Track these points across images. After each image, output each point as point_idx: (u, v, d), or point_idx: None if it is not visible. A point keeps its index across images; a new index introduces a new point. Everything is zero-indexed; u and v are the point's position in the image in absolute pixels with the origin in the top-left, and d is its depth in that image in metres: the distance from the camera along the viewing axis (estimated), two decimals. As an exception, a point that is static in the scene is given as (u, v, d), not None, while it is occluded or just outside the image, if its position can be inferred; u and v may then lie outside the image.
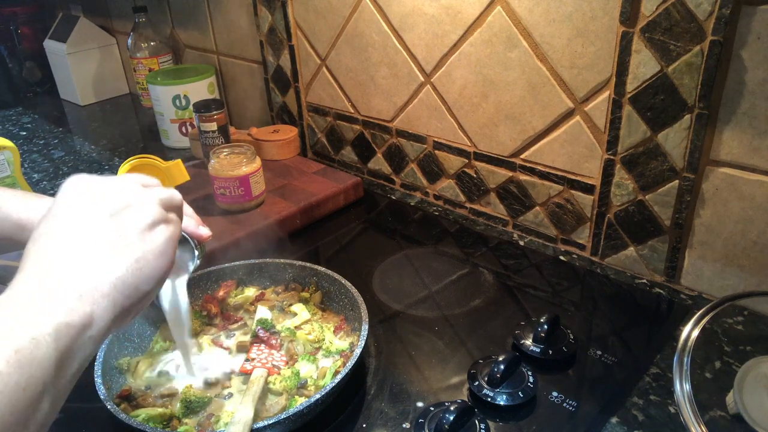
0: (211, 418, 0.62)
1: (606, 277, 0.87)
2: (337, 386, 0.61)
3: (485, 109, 0.94)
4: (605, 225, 0.87)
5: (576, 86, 0.82)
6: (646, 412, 0.64)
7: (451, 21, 0.92)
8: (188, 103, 1.37)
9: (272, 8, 1.21)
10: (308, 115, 1.28)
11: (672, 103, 0.73)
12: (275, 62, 1.28)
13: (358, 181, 1.12)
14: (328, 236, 1.03)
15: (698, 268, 0.80)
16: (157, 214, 0.50)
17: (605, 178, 0.83)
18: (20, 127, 1.67)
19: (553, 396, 0.66)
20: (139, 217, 0.48)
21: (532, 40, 0.84)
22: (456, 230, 1.02)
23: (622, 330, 0.77)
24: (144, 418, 0.60)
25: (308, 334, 0.73)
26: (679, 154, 0.75)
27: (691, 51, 0.69)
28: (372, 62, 1.08)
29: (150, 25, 1.58)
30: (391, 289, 0.86)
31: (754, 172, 0.71)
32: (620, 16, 0.74)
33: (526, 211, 0.96)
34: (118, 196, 0.49)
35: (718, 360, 0.69)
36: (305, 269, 0.81)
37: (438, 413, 0.60)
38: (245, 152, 1.02)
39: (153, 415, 0.61)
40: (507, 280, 0.88)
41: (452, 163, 1.03)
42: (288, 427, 0.60)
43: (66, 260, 0.43)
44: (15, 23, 1.92)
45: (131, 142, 1.49)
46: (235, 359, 0.71)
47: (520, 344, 0.71)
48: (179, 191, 0.62)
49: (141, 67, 1.60)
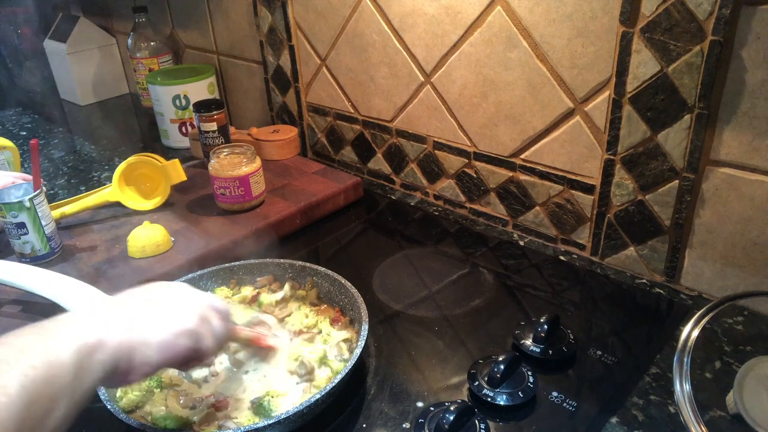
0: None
1: (606, 277, 0.87)
2: (337, 386, 0.61)
3: (485, 109, 0.94)
4: (605, 225, 0.87)
5: (576, 86, 0.82)
6: (646, 412, 0.64)
7: (451, 21, 0.92)
8: (188, 103, 1.37)
9: (272, 8, 1.21)
10: (308, 115, 1.28)
11: (672, 103, 0.73)
12: (275, 62, 1.28)
13: (358, 181, 1.12)
14: (328, 236, 1.03)
15: (698, 268, 0.80)
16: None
17: (605, 178, 0.83)
18: (20, 127, 1.67)
19: (553, 396, 0.66)
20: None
21: (532, 40, 0.84)
22: (456, 230, 1.02)
23: (622, 330, 0.77)
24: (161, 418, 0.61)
25: (306, 317, 0.75)
26: (679, 154, 0.75)
27: (691, 51, 0.69)
28: (372, 62, 1.08)
29: (150, 25, 1.58)
30: (391, 289, 0.86)
31: (754, 172, 0.71)
32: (620, 16, 0.74)
33: (526, 211, 0.96)
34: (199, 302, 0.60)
35: (718, 360, 0.69)
36: (305, 269, 0.81)
37: (438, 413, 0.60)
38: (245, 152, 1.02)
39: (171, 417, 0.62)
40: (507, 280, 0.88)
41: (452, 163, 1.03)
42: (288, 427, 0.60)
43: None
44: (15, 23, 1.92)
45: (131, 142, 1.49)
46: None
47: (520, 344, 0.71)
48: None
49: (141, 67, 1.60)
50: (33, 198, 0.88)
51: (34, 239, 0.89)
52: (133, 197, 1.05)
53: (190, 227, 0.98)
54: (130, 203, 1.04)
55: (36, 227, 0.89)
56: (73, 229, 1.01)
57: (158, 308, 0.57)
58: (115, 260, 0.90)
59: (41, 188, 0.90)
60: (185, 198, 1.08)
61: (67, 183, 1.27)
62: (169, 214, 1.03)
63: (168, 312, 0.57)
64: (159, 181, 1.06)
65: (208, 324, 0.59)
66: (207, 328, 0.58)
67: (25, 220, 0.88)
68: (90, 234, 0.99)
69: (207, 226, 0.98)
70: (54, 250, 0.92)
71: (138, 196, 1.06)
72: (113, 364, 0.49)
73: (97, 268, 0.89)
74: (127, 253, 0.91)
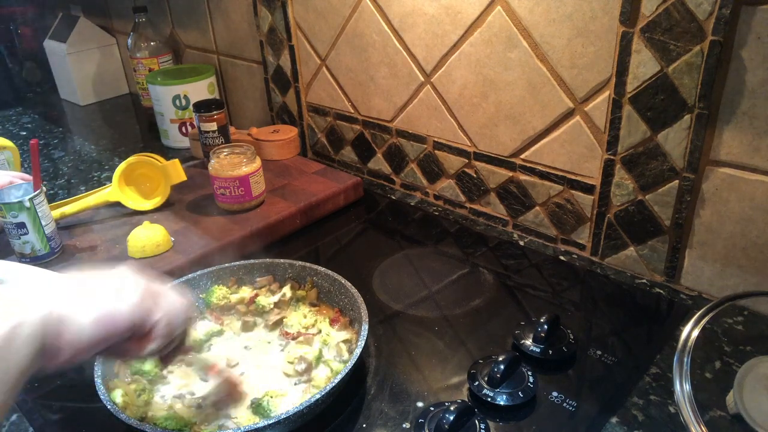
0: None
1: (606, 277, 0.87)
2: (337, 386, 0.61)
3: (485, 109, 0.94)
4: (605, 225, 0.87)
5: (576, 86, 0.82)
6: (646, 412, 0.64)
7: (451, 21, 0.92)
8: (188, 103, 1.37)
9: (272, 8, 1.21)
10: (308, 115, 1.28)
11: (672, 103, 0.73)
12: (275, 62, 1.28)
13: (358, 181, 1.12)
14: (328, 236, 1.03)
15: (698, 268, 0.80)
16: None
17: (605, 178, 0.83)
18: (20, 127, 1.67)
19: (553, 396, 0.66)
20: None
21: (532, 40, 0.84)
22: (456, 230, 1.02)
23: (622, 330, 0.77)
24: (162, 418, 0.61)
25: (304, 317, 0.76)
26: (679, 154, 0.75)
27: (691, 51, 0.69)
28: (372, 62, 1.08)
29: (150, 25, 1.58)
30: (391, 289, 0.86)
31: (754, 172, 0.71)
32: (620, 16, 0.74)
33: (526, 211, 0.96)
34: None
35: (718, 360, 0.69)
36: (305, 269, 0.81)
37: (438, 413, 0.60)
38: (245, 152, 1.02)
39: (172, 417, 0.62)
40: (507, 280, 0.88)
41: (452, 163, 1.03)
42: (288, 427, 0.60)
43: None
44: (15, 23, 1.92)
45: (131, 142, 1.49)
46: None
47: (520, 344, 0.71)
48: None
49: (141, 67, 1.60)
50: (33, 198, 0.88)
51: (34, 239, 0.89)
52: (133, 197, 1.05)
53: (190, 227, 0.98)
54: (130, 203, 1.04)
55: (36, 227, 0.89)
56: (73, 229, 1.01)
57: (96, 280, 0.50)
58: (115, 260, 0.90)
59: (41, 188, 0.90)
60: (185, 198, 1.08)
61: (67, 183, 1.27)
62: (169, 214, 1.03)
63: (107, 283, 0.50)
64: (159, 181, 1.06)
65: (158, 299, 0.53)
66: (154, 302, 0.52)
67: (25, 220, 0.88)
68: (90, 234, 0.99)
69: (207, 226, 0.98)
70: (54, 250, 0.92)
71: (138, 196, 1.06)
72: (40, 341, 0.43)
73: (98, 269, 0.88)
74: (127, 253, 0.91)
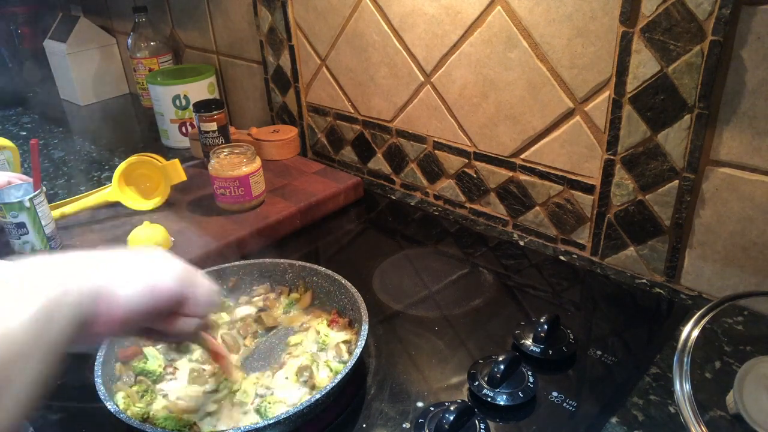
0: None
1: (606, 277, 0.87)
2: (337, 386, 0.61)
3: (485, 109, 0.94)
4: (605, 225, 0.87)
5: (576, 86, 0.82)
6: (646, 412, 0.64)
7: (451, 21, 0.92)
8: (188, 103, 1.37)
9: (272, 8, 1.21)
10: (308, 115, 1.28)
11: (672, 103, 0.73)
12: (275, 62, 1.28)
13: (358, 181, 1.12)
14: (328, 236, 1.03)
15: (698, 268, 0.80)
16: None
17: (605, 178, 0.83)
18: (20, 127, 1.67)
19: (553, 396, 0.66)
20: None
21: (532, 40, 0.84)
22: (456, 230, 1.02)
23: (622, 330, 0.77)
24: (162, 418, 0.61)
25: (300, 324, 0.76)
26: (679, 154, 0.75)
27: (691, 51, 0.69)
28: (372, 62, 1.08)
29: (150, 25, 1.58)
30: (391, 289, 0.86)
31: (754, 172, 0.71)
32: (620, 16, 0.74)
33: (526, 211, 0.96)
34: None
35: (718, 360, 0.69)
36: (305, 269, 0.81)
37: (438, 413, 0.60)
38: (245, 152, 1.02)
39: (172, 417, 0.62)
40: (507, 280, 0.88)
41: (452, 163, 1.03)
42: (288, 427, 0.60)
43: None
44: (15, 23, 1.92)
45: (131, 142, 1.49)
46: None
47: (520, 344, 0.71)
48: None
49: (141, 67, 1.60)
50: (33, 198, 0.88)
51: (34, 239, 0.89)
52: (133, 197, 1.05)
53: (190, 227, 0.98)
54: (130, 203, 1.04)
55: (36, 227, 0.89)
56: (73, 229, 1.01)
57: (137, 255, 0.49)
58: (115, 260, 0.90)
59: (41, 188, 0.90)
60: (185, 198, 1.08)
61: (67, 183, 1.27)
62: (169, 214, 1.03)
63: (149, 256, 0.49)
64: (159, 181, 1.06)
65: (194, 277, 0.53)
66: (192, 280, 0.52)
67: (25, 220, 0.88)
68: (90, 234, 0.99)
69: (207, 226, 0.98)
70: (54, 250, 0.92)
71: (138, 196, 1.06)
72: (86, 309, 0.42)
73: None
74: (127, 253, 0.91)
